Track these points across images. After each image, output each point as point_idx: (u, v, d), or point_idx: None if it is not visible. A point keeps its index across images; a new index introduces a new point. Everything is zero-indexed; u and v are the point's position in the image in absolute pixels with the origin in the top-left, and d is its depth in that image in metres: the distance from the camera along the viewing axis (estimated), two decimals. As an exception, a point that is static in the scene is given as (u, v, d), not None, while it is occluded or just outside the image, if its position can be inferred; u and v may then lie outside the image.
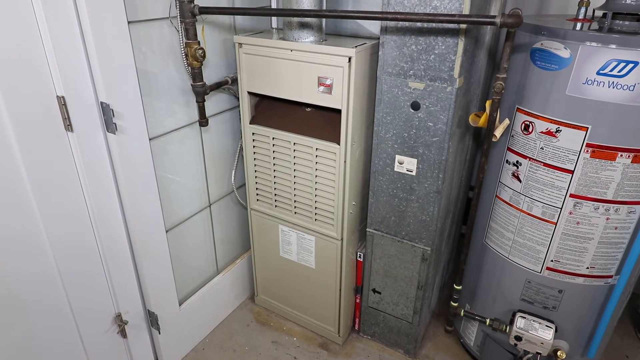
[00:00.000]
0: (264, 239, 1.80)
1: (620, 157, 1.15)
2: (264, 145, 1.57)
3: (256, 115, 1.58)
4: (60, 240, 1.23)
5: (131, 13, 1.20)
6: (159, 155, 1.43)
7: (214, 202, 1.74)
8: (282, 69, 1.40)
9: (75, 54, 1.11)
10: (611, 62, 1.07)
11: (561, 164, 1.22)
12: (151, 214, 1.43)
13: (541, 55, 1.19)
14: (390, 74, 1.30)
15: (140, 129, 1.30)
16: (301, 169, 1.52)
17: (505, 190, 1.38)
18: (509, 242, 1.41)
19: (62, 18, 1.06)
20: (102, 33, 1.11)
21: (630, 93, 1.08)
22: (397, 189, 1.44)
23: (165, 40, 1.34)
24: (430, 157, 1.33)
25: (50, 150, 1.14)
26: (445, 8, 1.15)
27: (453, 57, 1.19)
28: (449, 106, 1.24)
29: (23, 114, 1.05)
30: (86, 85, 1.16)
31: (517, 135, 1.31)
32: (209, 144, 1.63)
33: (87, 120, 1.19)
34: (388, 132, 1.37)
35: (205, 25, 1.46)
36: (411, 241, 1.51)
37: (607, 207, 1.21)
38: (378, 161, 1.43)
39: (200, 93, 1.44)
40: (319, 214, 1.57)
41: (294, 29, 1.38)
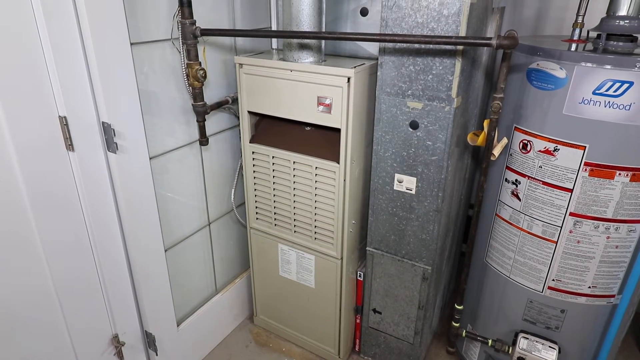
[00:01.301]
0: (263, 258, 1.79)
1: (619, 175, 1.15)
2: (264, 164, 1.58)
3: (256, 134, 1.59)
4: (58, 259, 1.22)
5: (134, 35, 1.22)
6: (159, 174, 1.43)
7: (213, 220, 1.74)
8: (282, 88, 1.42)
9: (78, 74, 1.13)
10: (606, 82, 1.09)
11: (560, 183, 1.22)
12: (150, 233, 1.43)
13: (537, 75, 1.21)
14: (388, 94, 1.31)
15: (141, 148, 1.31)
16: (301, 188, 1.53)
17: (505, 208, 1.38)
18: (509, 261, 1.40)
19: (65, 39, 1.08)
20: (105, 54, 1.13)
21: (627, 112, 1.09)
22: (396, 208, 1.44)
23: (166, 61, 1.36)
24: (429, 175, 1.34)
25: (51, 170, 1.14)
26: (442, 30, 1.17)
27: (450, 77, 1.21)
28: (447, 125, 1.25)
29: (25, 134, 1.06)
30: (88, 105, 1.18)
31: (515, 154, 1.31)
32: (209, 162, 1.64)
33: (88, 140, 1.20)
34: (387, 150, 1.38)
35: (207, 46, 1.48)
36: (411, 260, 1.50)
37: (607, 225, 1.21)
38: (377, 180, 1.44)
39: (201, 113, 1.46)
40: (318, 233, 1.57)
41: (294, 49, 1.40)
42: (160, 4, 1.30)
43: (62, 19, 1.06)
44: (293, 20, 1.35)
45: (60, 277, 1.24)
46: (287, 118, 1.46)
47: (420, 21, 1.19)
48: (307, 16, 1.34)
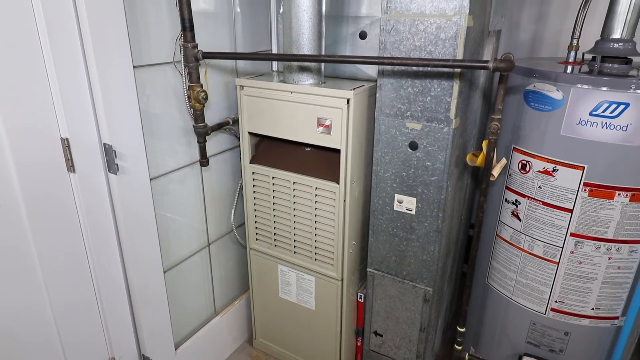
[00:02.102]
0: (263, 279, 1.77)
1: (618, 195, 1.15)
2: (264, 185, 1.58)
3: (256, 154, 1.60)
4: (55, 279, 1.21)
5: (137, 58, 1.24)
6: (159, 194, 1.43)
7: (213, 241, 1.73)
8: (282, 110, 1.43)
9: (80, 97, 1.14)
10: (603, 103, 1.10)
11: (560, 203, 1.22)
12: (149, 254, 1.42)
13: (534, 96, 1.23)
14: (388, 115, 1.33)
15: (142, 169, 1.32)
16: (301, 208, 1.52)
17: (505, 229, 1.38)
18: (511, 282, 1.39)
19: (69, 62, 1.10)
20: (108, 77, 1.15)
21: (624, 133, 1.10)
22: (397, 228, 1.44)
23: (168, 83, 1.38)
24: (429, 196, 1.34)
25: (52, 191, 1.15)
26: (439, 53, 1.19)
27: (449, 98, 1.22)
28: (446, 146, 1.26)
29: (27, 155, 1.07)
30: (90, 127, 1.19)
31: (514, 174, 1.32)
32: (209, 183, 1.64)
33: (89, 161, 1.21)
34: (387, 171, 1.38)
35: (208, 69, 1.51)
36: (412, 281, 1.48)
37: (609, 246, 1.21)
38: (377, 200, 1.44)
39: (202, 134, 1.47)
40: (318, 254, 1.56)
41: (294, 72, 1.42)
42: (163, 28, 1.32)
43: (67, 43, 1.08)
44: (293, 43, 1.38)
45: (57, 298, 1.22)
46: (287, 139, 1.47)
47: (418, 44, 1.21)
48: (307, 39, 1.36)
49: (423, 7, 1.17)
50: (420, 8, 1.17)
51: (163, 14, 1.31)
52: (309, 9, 1.33)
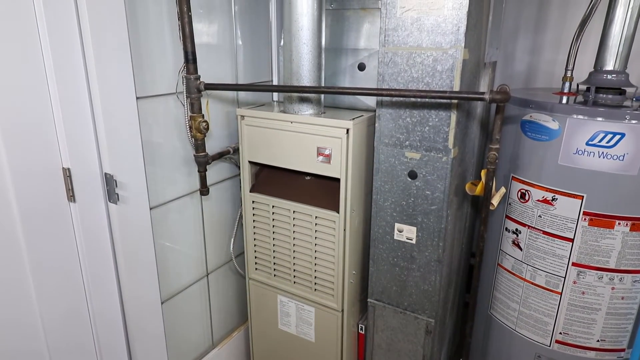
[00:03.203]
0: (262, 310, 1.74)
1: (619, 225, 1.15)
2: (264, 214, 1.58)
3: (256, 183, 1.61)
4: (50, 309, 1.19)
5: (140, 89, 1.27)
6: (159, 224, 1.43)
7: (211, 271, 1.71)
8: (282, 139, 1.45)
9: (84, 127, 1.16)
10: (599, 133, 1.12)
11: (560, 232, 1.22)
12: (147, 285, 1.40)
13: (531, 126, 1.24)
14: (387, 145, 1.34)
15: (142, 198, 1.32)
16: (301, 237, 1.52)
17: (506, 258, 1.37)
18: (514, 313, 1.37)
19: (74, 94, 1.12)
20: (112, 108, 1.17)
21: (621, 163, 1.11)
22: (397, 258, 1.42)
23: (170, 113, 1.40)
24: (429, 225, 1.33)
25: (51, 220, 1.15)
26: (437, 84, 1.21)
27: (447, 128, 1.24)
28: (445, 175, 1.27)
29: (28, 184, 1.08)
30: (92, 157, 1.20)
31: (514, 203, 1.32)
32: (209, 212, 1.64)
33: (90, 191, 1.21)
34: (387, 200, 1.39)
35: (210, 99, 1.53)
36: (414, 312, 1.46)
37: (611, 276, 1.19)
38: (377, 229, 1.43)
39: (203, 163, 1.48)
40: (318, 284, 1.54)
41: (294, 102, 1.45)
42: (167, 61, 1.36)
43: (72, 75, 1.11)
44: (293, 75, 1.41)
45: (51, 327, 1.20)
46: (288, 168, 1.48)
47: (416, 76, 1.24)
48: (307, 71, 1.40)
49: (420, 41, 1.20)
50: (417, 41, 1.21)
51: (167, 47, 1.35)
52: (309, 42, 1.36)
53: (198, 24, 1.43)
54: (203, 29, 1.47)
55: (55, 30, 1.05)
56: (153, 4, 1.28)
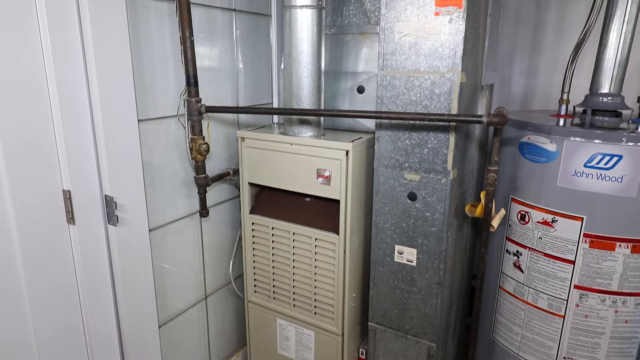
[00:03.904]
0: (261, 333, 1.71)
1: (619, 247, 1.15)
2: (263, 235, 1.57)
3: (256, 205, 1.61)
4: (46, 330, 1.17)
5: (142, 112, 1.28)
6: (158, 246, 1.42)
7: (210, 294, 1.69)
8: (282, 161, 1.46)
9: (85, 149, 1.17)
10: (596, 155, 1.12)
11: (561, 254, 1.21)
12: (145, 308, 1.39)
13: (529, 148, 1.25)
14: (386, 166, 1.35)
15: (142, 220, 1.32)
16: (300, 260, 1.51)
17: (508, 281, 1.36)
18: (517, 337, 1.35)
19: (76, 117, 1.13)
20: (113, 131, 1.18)
21: (620, 184, 1.11)
22: (398, 280, 1.41)
23: (171, 135, 1.42)
24: (429, 247, 1.33)
25: (50, 243, 1.14)
26: (435, 107, 1.23)
27: (445, 150, 1.25)
28: (445, 197, 1.27)
29: (28, 207, 1.08)
30: (92, 179, 1.20)
31: (514, 225, 1.32)
32: (208, 233, 1.64)
33: (90, 213, 1.21)
34: (386, 222, 1.38)
35: (211, 121, 1.55)
36: (415, 336, 1.44)
37: (614, 299, 1.18)
38: (378, 251, 1.43)
39: (203, 185, 1.48)
40: (318, 307, 1.52)
41: (294, 124, 1.46)
42: (168, 83, 1.38)
43: (75, 99, 1.12)
44: (294, 97, 1.42)
45: (46, 349, 1.18)
46: (287, 189, 1.48)
47: (414, 99, 1.25)
48: (307, 94, 1.41)
49: (418, 65, 1.22)
50: (415, 65, 1.23)
51: (169, 71, 1.37)
52: (309, 66, 1.39)
53: (200, 47, 1.45)
54: (205, 53, 1.50)
55: (59, 53, 1.07)
56: (156, 29, 1.30)
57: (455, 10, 1.15)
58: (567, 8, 1.70)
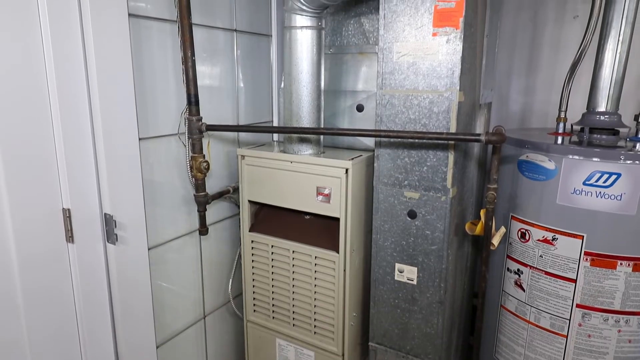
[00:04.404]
0: (260, 354, 1.69)
1: (621, 265, 1.14)
2: (263, 253, 1.56)
3: (256, 223, 1.60)
4: (42, 351, 1.15)
5: (143, 130, 1.29)
6: (157, 264, 1.41)
7: (209, 313, 1.68)
8: (282, 179, 1.46)
9: (85, 168, 1.17)
10: (595, 173, 1.13)
11: (563, 273, 1.20)
12: (143, 328, 1.37)
13: (528, 166, 1.26)
14: (385, 184, 1.35)
15: (141, 239, 1.31)
16: (300, 278, 1.50)
17: (509, 300, 1.34)
18: (520, 358, 1.33)
19: (78, 135, 1.14)
20: (114, 149, 1.19)
21: (619, 202, 1.11)
22: (398, 299, 1.40)
23: (172, 153, 1.42)
24: (430, 265, 1.32)
25: (48, 261, 1.13)
26: (433, 125, 1.24)
27: (445, 168, 1.25)
28: (445, 215, 1.27)
29: (27, 225, 1.07)
30: (92, 197, 1.20)
31: (515, 243, 1.31)
32: (208, 251, 1.63)
33: (89, 231, 1.21)
34: (386, 240, 1.38)
35: (211, 140, 1.56)
36: (417, 357, 1.41)
37: (617, 318, 1.17)
38: (378, 269, 1.42)
39: (202, 203, 1.48)
40: (318, 326, 1.50)
41: (294, 142, 1.47)
42: (170, 102, 1.39)
43: (76, 116, 1.13)
44: (294, 116, 1.44)
45: (43, 378, 1.16)
46: (287, 207, 1.48)
47: (413, 117, 1.26)
48: (307, 112, 1.43)
49: (416, 84, 1.24)
50: (414, 84, 1.24)
51: (170, 89, 1.38)
52: (309, 85, 1.40)
53: (201, 66, 1.47)
54: (206, 72, 1.51)
55: (62, 72, 1.08)
56: (158, 48, 1.32)
57: (453, 31, 1.17)
58: (563, 28, 1.73)
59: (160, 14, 1.31)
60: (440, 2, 1.18)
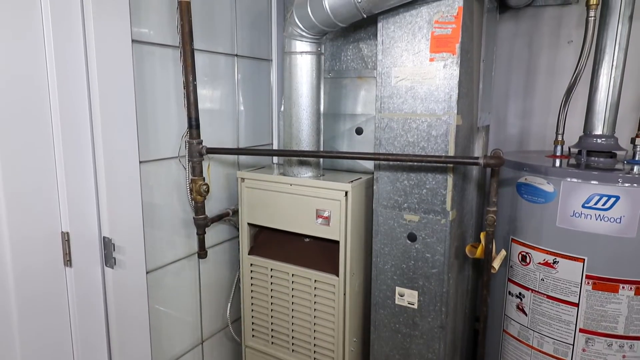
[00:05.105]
0: (258, 380, 1.65)
1: (623, 289, 1.13)
2: (262, 277, 1.55)
3: (255, 245, 1.59)
4: (36, 386, 1.13)
5: (143, 153, 1.30)
6: (155, 288, 1.40)
7: (207, 338, 1.65)
8: (281, 202, 1.46)
9: (85, 191, 1.17)
10: (594, 196, 1.13)
11: (565, 297, 1.19)
12: (139, 353, 1.34)
13: (527, 189, 1.26)
14: (385, 207, 1.35)
15: (139, 262, 1.30)
16: (299, 302, 1.48)
17: (512, 324, 1.33)
18: (524, 384, 1.30)
19: (79, 159, 1.14)
20: (115, 172, 1.19)
21: (619, 225, 1.11)
22: (399, 324, 1.38)
23: (172, 176, 1.43)
24: (431, 289, 1.31)
25: (45, 285, 1.12)
26: (432, 148, 1.25)
27: (444, 191, 1.26)
28: (445, 237, 1.26)
29: (25, 248, 1.07)
30: (92, 220, 1.20)
31: (515, 266, 1.31)
32: (206, 275, 1.61)
33: (87, 255, 1.20)
34: (386, 263, 1.37)
35: (211, 162, 1.56)
36: (418, 383, 1.39)
37: (621, 343, 1.15)
38: (378, 293, 1.40)
39: (202, 226, 1.48)
40: (318, 352, 1.48)
41: (294, 165, 1.48)
42: (171, 125, 1.40)
43: (78, 139, 1.14)
44: (293, 139, 1.45)
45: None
46: (287, 230, 1.48)
47: (412, 140, 1.28)
48: (307, 135, 1.44)
49: (414, 108, 1.26)
50: (412, 108, 1.26)
51: (171, 113, 1.40)
52: (308, 108, 1.42)
53: (202, 90, 1.49)
54: (207, 95, 1.54)
55: (65, 96, 1.09)
56: (160, 73, 1.35)
57: (449, 57, 1.19)
58: (557, 52, 1.77)
59: (163, 39, 1.34)
60: (436, 29, 1.20)
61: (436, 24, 1.20)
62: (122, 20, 1.17)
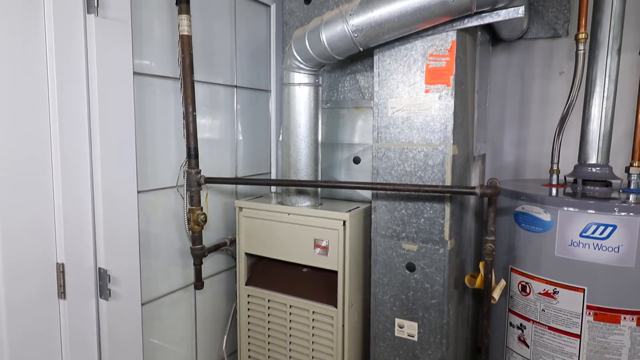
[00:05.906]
0: (254, 416, 1.60)
1: (624, 319, 1.12)
2: (259, 308, 1.52)
3: (252, 276, 1.58)
4: None
5: (142, 183, 1.30)
6: (150, 320, 1.37)
7: (202, 372, 1.60)
8: (279, 231, 1.45)
9: (82, 222, 1.17)
10: (591, 225, 1.13)
11: (566, 328, 1.17)
12: (132, 389, 1.30)
13: (524, 218, 1.26)
14: (383, 236, 1.35)
15: (135, 294, 1.28)
16: (297, 334, 1.45)
17: (514, 356, 1.30)
18: (528, 419, 1.26)
19: (77, 190, 1.14)
20: (113, 202, 1.19)
21: (617, 254, 1.11)
22: (399, 357, 1.35)
23: (170, 205, 1.42)
24: (431, 320, 1.29)
25: (38, 318, 1.10)
26: (429, 178, 1.26)
27: (442, 220, 1.26)
28: (444, 267, 1.26)
29: (19, 279, 1.05)
30: (87, 251, 1.19)
31: (516, 297, 1.29)
32: (202, 306, 1.59)
33: (82, 287, 1.18)
34: (385, 293, 1.35)
35: (209, 192, 1.57)
36: (420, 418, 1.34)
37: (626, 376, 1.13)
38: (377, 325, 1.38)
39: (199, 256, 1.46)
40: (316, 386, 1.44)
41: (292, 194, 1.48)
42: (170, 155, 1.41)
43: (77, 170, 1.14)
44: (291, 168, 1.46)
45: None
46: (284, 260, 1.47)
47: (409, 170, 1.29)
48: (305, 165, 1.45)
49: (411, 137, 1.27)
50: (409, 138, 1.28)
51: (170, 143, 1.41)
52: (306, 138, 1.44)
53: (202, 119, 1.51)
54: (206, 125, 1.55)
55: (65, 127, 1.10)
56: (160, 103, 1.36)
57: (444, 88, 1.22)
58: (550, 83, 1.81)
59: (163, 71, 1.37)
60: (431, 62, 1.24)
61: (431, 57, 1.24)
62: (125, 53, 1.20)
